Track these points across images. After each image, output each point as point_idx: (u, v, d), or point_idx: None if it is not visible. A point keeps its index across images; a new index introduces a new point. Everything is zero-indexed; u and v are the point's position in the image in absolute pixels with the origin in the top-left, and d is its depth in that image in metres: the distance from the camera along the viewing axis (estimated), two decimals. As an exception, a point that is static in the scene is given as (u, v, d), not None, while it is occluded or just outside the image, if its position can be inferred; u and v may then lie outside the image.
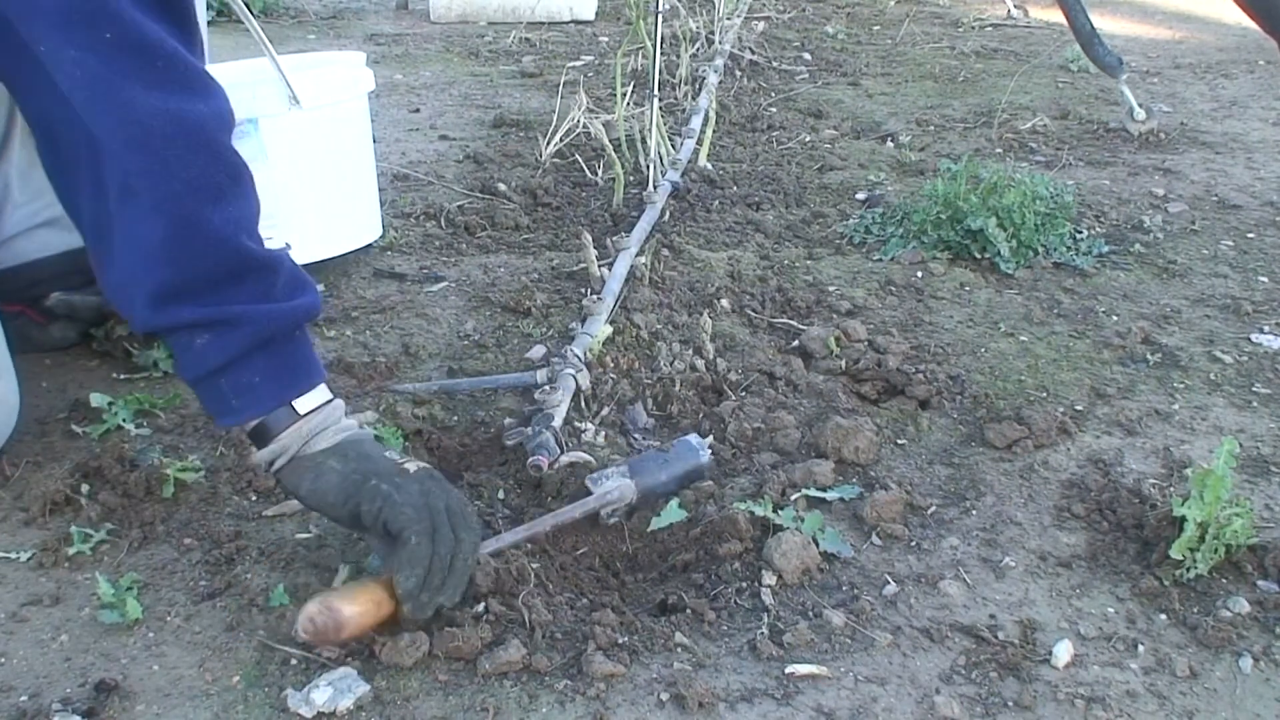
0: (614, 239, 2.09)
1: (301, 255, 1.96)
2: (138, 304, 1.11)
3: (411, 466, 1.15)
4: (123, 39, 1.06)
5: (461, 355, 1.77)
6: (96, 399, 1.54)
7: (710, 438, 1.48)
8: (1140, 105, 3.08)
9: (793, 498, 1.38)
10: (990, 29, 4.88)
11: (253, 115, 1.88)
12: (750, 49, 4.16)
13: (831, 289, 2.04)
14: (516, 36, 4.47)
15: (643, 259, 2.03)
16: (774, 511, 1.31)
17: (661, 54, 2.52)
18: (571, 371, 1.58)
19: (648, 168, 2.46)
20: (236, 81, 2.03)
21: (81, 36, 1.06)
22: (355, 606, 1.08)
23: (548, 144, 2.80)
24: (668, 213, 2.38)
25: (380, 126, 2.94)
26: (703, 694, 1.06)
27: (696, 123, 2.87)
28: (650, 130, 2.46)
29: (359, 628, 1.08)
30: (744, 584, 1.24)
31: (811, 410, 1.61)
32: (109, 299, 1.19)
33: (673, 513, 1.31)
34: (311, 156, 1.99)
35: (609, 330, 1.73)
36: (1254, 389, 1.69)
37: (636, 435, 1.55)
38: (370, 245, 2.18)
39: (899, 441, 1.55)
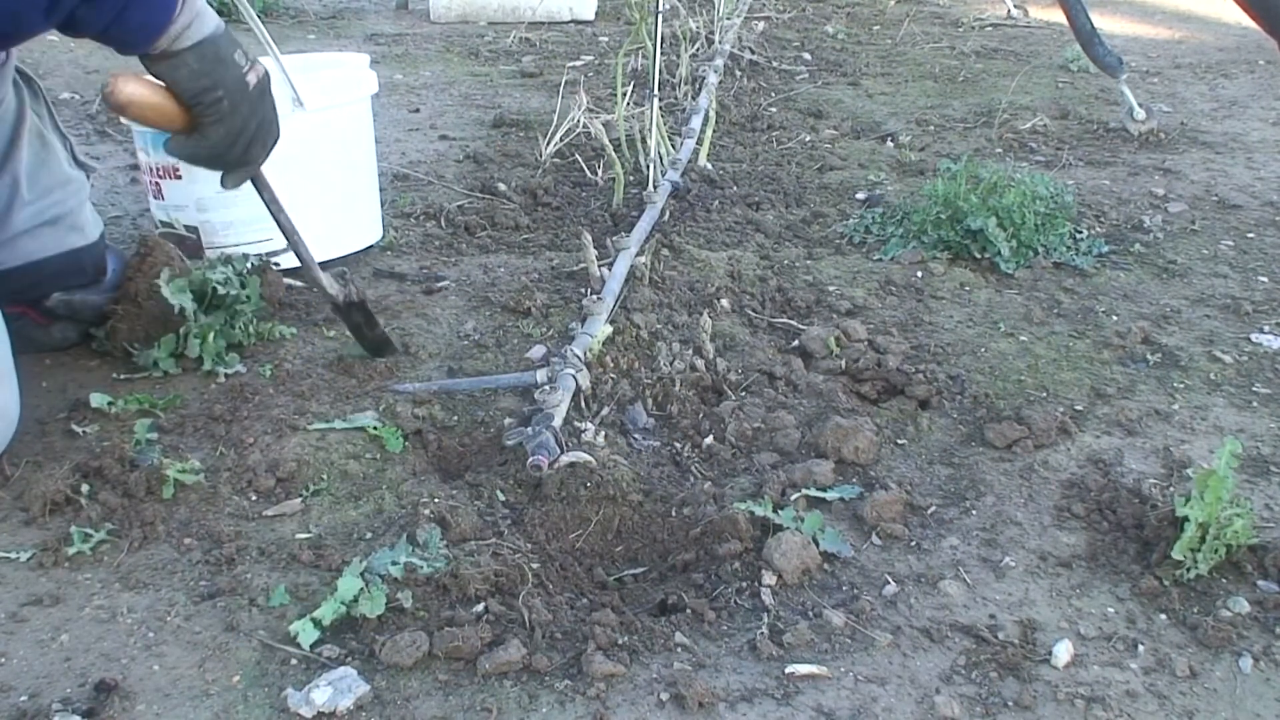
0: (614, 239, 2.09)
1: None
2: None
3: (252, 78, 1.42)
4: None
5: (461, 355, 1.77)
6: (96, 399, 1.54)
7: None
8: (1140, 105, 3.08)
9: (793, 498, 1.38)
10: (990, 29, 4.88)
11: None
12: (750, 49, 4.16)
13: (831, 289, 2.04)
14: (516, 36, 4.47)
15: (643, 259, 2.03)
16: (774, 511, 1.31)
17: (661, 54, 2.52)
18: (571, 371, 1.58)
19: (648, 168, 2.46)
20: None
21: None
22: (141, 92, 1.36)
23: (548, 144, 2.80)
24: (668, 213, 2.38)
25: (380, 126, 2.93)
26: (703, 694, 1.06)
27: (696, 123, 2.87)
28: (650, 130, 2.46)
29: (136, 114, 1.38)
30: (744, 584, 1.24)
31: (811, 410, 1.61)
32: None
33: None
34: (314, 158, 2.00)
35: (609, 330, 1.73)
36: (1254, 389, 1.69)
37: (636, 435, 1.55)
38: (371, 246, 2.18)
39: (899, 441, 1.55)
